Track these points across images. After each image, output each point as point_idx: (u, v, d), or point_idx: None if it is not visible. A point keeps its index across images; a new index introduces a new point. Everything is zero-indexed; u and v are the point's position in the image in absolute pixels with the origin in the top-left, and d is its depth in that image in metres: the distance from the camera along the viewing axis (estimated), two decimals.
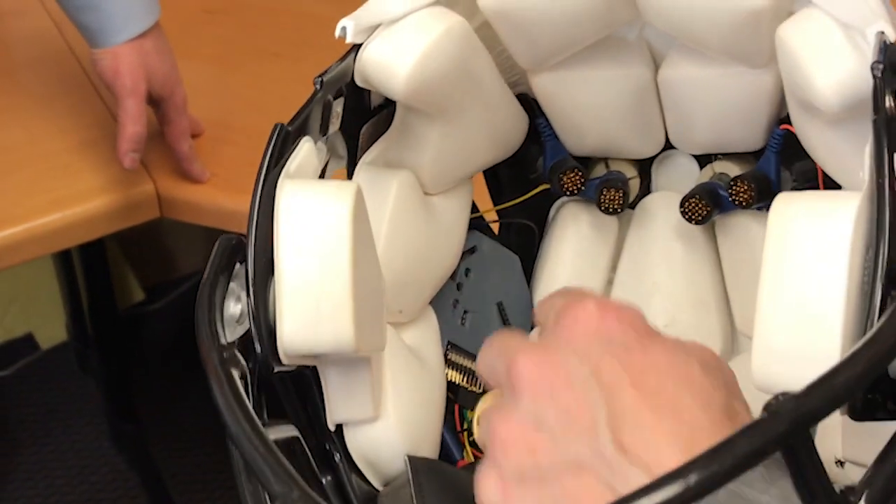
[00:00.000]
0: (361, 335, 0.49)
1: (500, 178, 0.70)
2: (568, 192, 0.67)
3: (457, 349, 0.67)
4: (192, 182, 1.00)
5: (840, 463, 0.48)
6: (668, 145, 0.69)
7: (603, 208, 0.68)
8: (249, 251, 0.49)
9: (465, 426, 0.66)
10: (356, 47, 0.56)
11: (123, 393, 1.72)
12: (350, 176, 0.59)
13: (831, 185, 0.61)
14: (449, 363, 0.66)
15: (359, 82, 0.57)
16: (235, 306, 0.50)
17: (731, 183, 0.64)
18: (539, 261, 0.73)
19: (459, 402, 0.66)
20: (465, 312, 0.68)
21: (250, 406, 0.42)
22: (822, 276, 0.43)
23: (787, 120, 0.62)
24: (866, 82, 0.49)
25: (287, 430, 0.51)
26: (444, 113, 0.61)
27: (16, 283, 1.76)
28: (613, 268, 0.73)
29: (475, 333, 0.68)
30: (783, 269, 0.44)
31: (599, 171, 0.71)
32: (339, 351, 0.49)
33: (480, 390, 0.68)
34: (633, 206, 0.71)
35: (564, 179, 0.67)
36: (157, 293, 1.91)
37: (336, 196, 0.50)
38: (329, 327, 0.48)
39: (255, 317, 0.48)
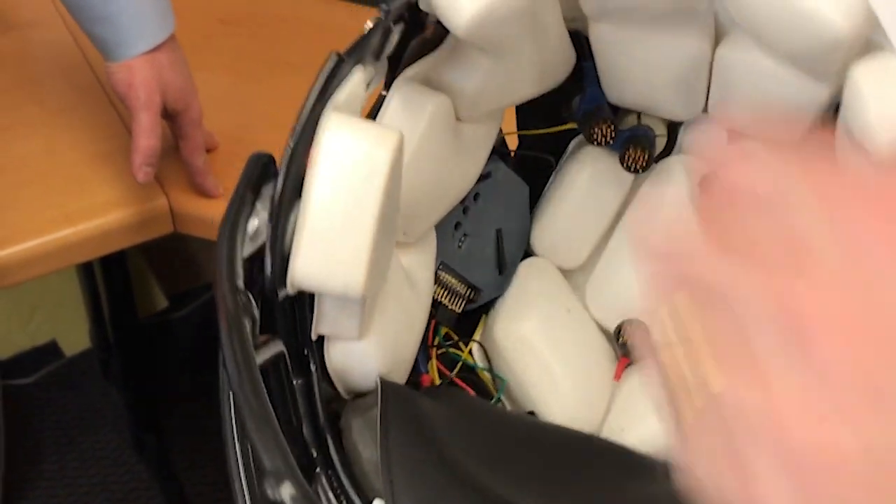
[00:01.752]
0: (370, 283, 0.48)
1: (531, 105, 0.68)
2: (596, 142, 0.66)
3: (448, 269, 0.66)
4: (206, 197, 0.99)
5: None
6: (704, 111, 0.67)
7: (625, 165, 0.67)
8: (281, 173, 0.48)
9: (437, 341, 0.66)
10: None
11: (145, 402, 1.72)
12: (387, 87, 0.57)
13: None
14: (437, 280, 0.65)
15: (422, 5, 0.55)
16: (253, 220, 0.49)
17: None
18: (546, 195, 0.72)
19: (437, 318, 0.66)
20: (465, 236, 0.67)
21: (257, 369, 0.42)
22: None
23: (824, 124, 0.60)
24: None
25: (274, 348, 0.50)
26: (499, 49, 0.59)
27: (40, 290, 1.77)
28: (618, 217, 0.72)
29: (469, 257, 0.68)
30: None
31: (630, 121, 0.70)
32: (345, 295, 0.48)
33: (460, 311, 0.67)
34: (655, 160, 0.70)
35: (595, 129, 0.66)
36: (181, 301, 1.91)
37: (378, 144, 0.49)
38: (341, 273, 0.48)
39: (273, 243, 0.48)
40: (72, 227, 0.96)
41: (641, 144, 0.67)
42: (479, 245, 0.68)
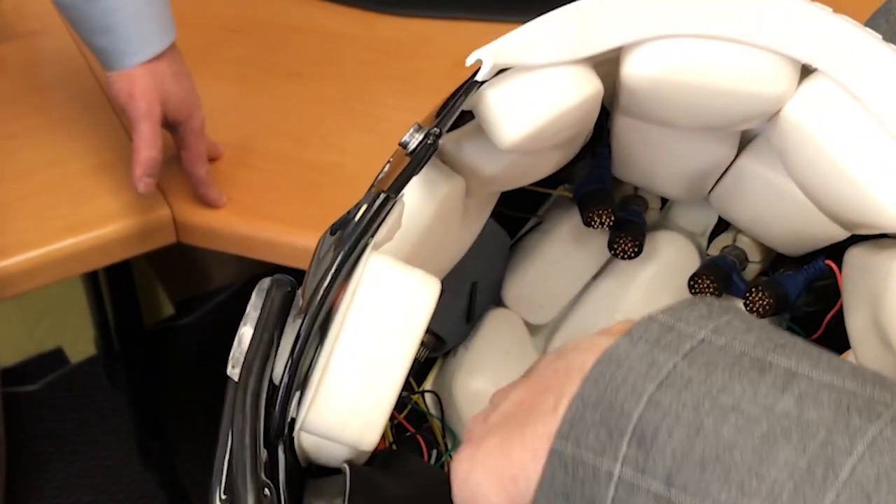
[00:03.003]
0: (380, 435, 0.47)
1: None
2: (590, 225, 0.65)
3: None
4: (209, 207, 0.98)
5: None
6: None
7: (613, 251, 0.66)
8: (312, 309, 0.46)
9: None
10: (476, 83, 0.52)
11: (151, 409, 1.71)
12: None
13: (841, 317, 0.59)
14: None
15: (466, 106, 0.53)
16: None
17: (753, 289, 0.62)
18: (522, 246, 0.70)
19: None
20: (442, 292, 0.66)
21: None
22: None
23: (832, 248, 0.59)
24: None
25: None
26: (531, 154, 0.58)
27: (46, 297, 1.76)
28: (592, 280, 0.71)
29: (441, 311, 0.66)
30: None
31: (626, 191, 0.69)
32: (355, 448, 0.47)
33: (423, 359, 0.66)
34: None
35: (594, 216, 0.64)
36: (188, 308, 1.91)
37: (420, 292, 0.47)
38: (357, 429, 0.46)
39: (289, 382, 0.46)
40: (75, 238, 0.96)
41: (633, 235, 0.66)
42: (453, 298, 0.67)
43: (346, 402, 0.46)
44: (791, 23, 0.50)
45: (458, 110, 0.51)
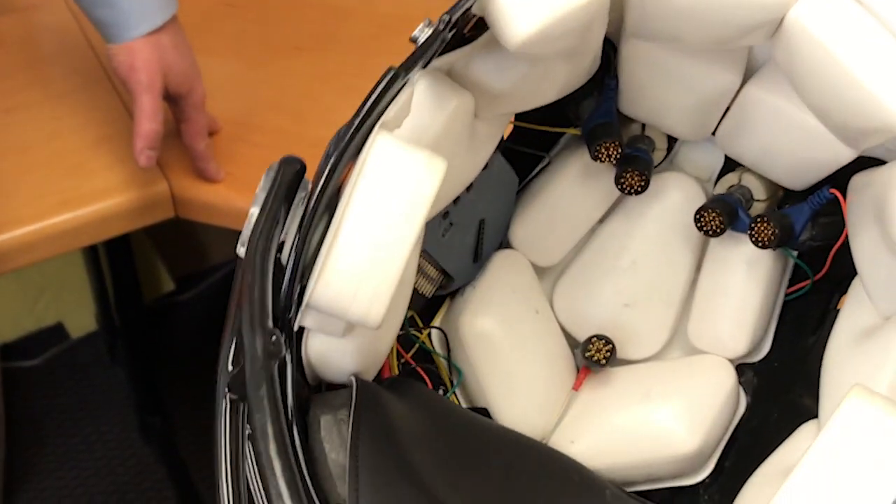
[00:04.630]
0: (386, 315, 0.47)
1: None
2: (599, 160, 0.65)
3: (426, 255, 0.65)
4: (208, 182, 0.98)
5: None
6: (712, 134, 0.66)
7: (620, 186, 0.66)
8: (319, 184, 0.46)
9: (403, 329, 0.65)
10: None
11: (151, 384, 1.72)
12: (407, 70, 0.55)
13: (847, 249, 0.59)
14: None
15: (475, 10, 0.53)
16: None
17: (757, 220, 0.62)
18: (530, 189, 0.70)
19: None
20: (451, 225, 0.66)
21: (287, 431, 0.41)
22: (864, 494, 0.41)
23: (835, 176, 0.59)
24: None
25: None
26: (540, 59, 0.57)
27: (46, 272, 1.76)
28: (602, 220, 0.71)
29: (449, 245, 0.66)
30: (826, 480, 0.42)
31: (634, 130, 0.69)
32: (361, 324, 0.47)
33: (430, 296, 0.66)
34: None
35: (602, 148, 0.64)
36: (188, 283, 1.90)
37: (426, 172, 0.47)
38: (363, 304, 0.47)
39: (297, 257, 0.46)
40: (73, 212, 0.96)
41: (639, 169, 0.65)
42: (461, 234, 0.67)
43: (355, 274, 0.46)
44: None
45: (465, 6, 0.51)
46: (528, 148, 0.70)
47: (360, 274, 0.46)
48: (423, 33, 0.51)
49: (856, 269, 0.58)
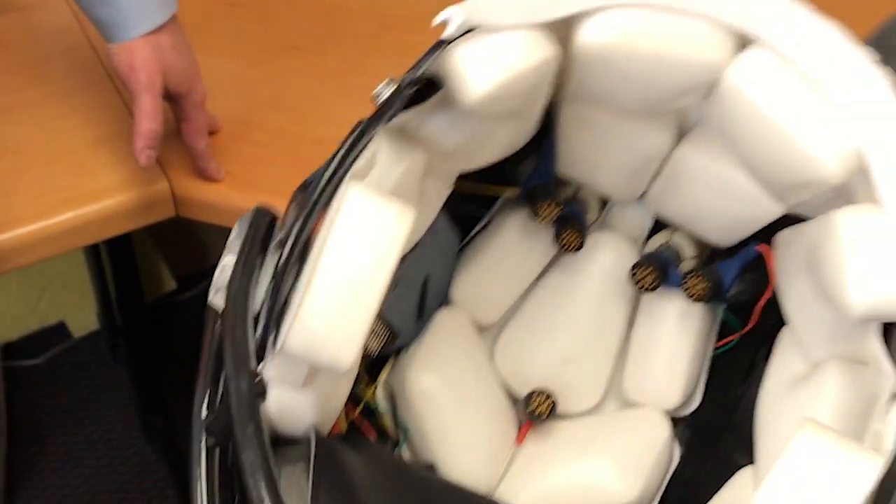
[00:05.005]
0: (355, 360, 0.48)
1: None
2: (539, 219, 0.67)
3: None
4: (208, 181, 0.98)
5: None
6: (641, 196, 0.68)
7: (560, 244, 0.68)
8: (292, 235, 0.47)
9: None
10: (446, 42, 0.54)
11: (152, 383, 1.72)
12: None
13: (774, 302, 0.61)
14: None
15: (431, 70, 0.55)
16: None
17: (689, 274, 0.64)
18: (472, 246, 0.72)
19: None
20: (396, 282, 0.67)
21: (274, 468, 0.42)
22: None
23: (762, 232, 0.61)
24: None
25: None
26: (487, 122, 0.59)
27: (48, 271, 1.77)
28: (539, 277, 0.72)
29: (395, 301, 0.67)
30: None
31: (567, 192, 0.71)
32: (330, 369, 0.48)
33: (376, 352, 0.67)
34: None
35: (541, 208, 0.67)
36: (189, 283, 1.90)
37: (396, 221, 0.49)
38: (334, 349, 0.48)
39: (271, 307, 0.47)
40: (73, 211, 0.96)
41: (577, 228, 0.68)
42: (407, 290, 0.69)
43: (326, 320, 0.47)
44: None
45: (426, 65, 0.53)
46: (469, 206, 0.72)
47: (333, 318, 0.48)
48: (385, 91, 0.53)
49: (784, 320, 0.60)
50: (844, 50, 0.52)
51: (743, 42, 0.54)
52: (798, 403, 0.57)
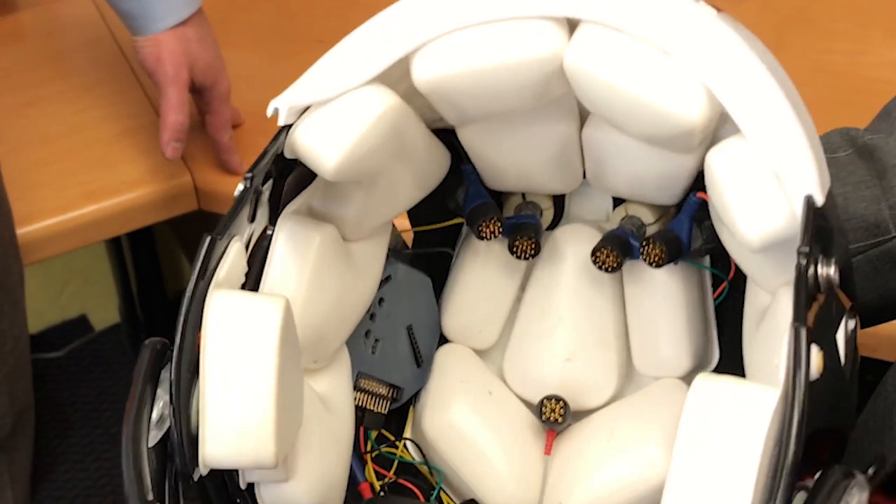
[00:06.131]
0: (281, 447, 0.50)
1: (419, 205, 0.69)
2: (485, 238, 0.67)
3: (366, 376, 0.68)
4: (231, 174, 0.98)
5: None
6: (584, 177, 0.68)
7: (515, 255, 0.68)
8: (175, 358, 0.49)
9: (369, 446, 0.67)
10: (286, 127, 0.55)
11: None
12: (273, 223, 0.58)
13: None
14: (357, 388, 0.67)
15: (288, 155, 0.56)
16: (158, 404, 0.50)
17: (644, 243, 0.64)
18: (449, 282, 0.74)
19: (365, 424, 0.67)
20: (377, 341, 0.69)
21: None
22: (731, 470, 0.44)
23: (702, 183, 0.61)
24: (791, 229, 0.49)
25: None
26: (370, 177, 0.60)
27: (71, 264, 1.77)
28: (523, 288, 0.73)
29: (384, 359, 0.69)
30: (695, 458, 0.45)
31: (515, 200, 0.71)
32: (260, 466, 0.49)
33: (386, 411, 0.68)
34: (548, 229, 0.72)
35: (483, 228, 0.67)
36: None
37: (264, 311, 0.50)
38: (251, 448, 0.49)
39: (178, 428, 0.48)
40: (96, 204, 0.96)
41: (527, 234, 0.68)
42: (393, 345, 0.69)
43: (231, 428, 0.49)
44: None
45: (269, 155, 0.54)
46: (434, 248, 0.73)
47: (235, 423, 0.49)
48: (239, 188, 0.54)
49: None
50: (674, 7, 0.53)
51: (572, 26, 0.55)
52: (765, 336, 0.58)
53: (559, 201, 0.72)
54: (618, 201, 0.70)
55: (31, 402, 1.01)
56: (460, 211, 0.70)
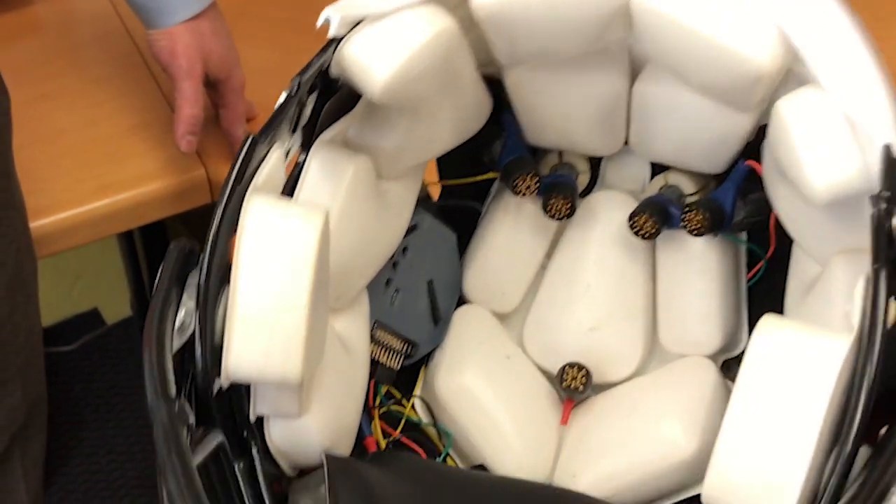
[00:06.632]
0: (307, 366, 0.47)
1: (451, 154, 0.67)
2: (520, 194, 0.65)
3: (383, 326, 0.65)
4: None
5: None
6: (625, 143, 0.66)
7: (549, 214, 0.66)
8: (205, 260, 0.47)
9: (378, 401, 0.65)
10: (336, 40, 0.53)
11: None
12: (305, 151, 0.56)
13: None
14: (372, 339, 0.65)
15: (334, 73, 0.54)
16: (181, 312, 0.48)
17: (686, 209, 0.62)
18: (474, 240, 0.71)
19: (376, 377, 0.65)
20: (397, 291, 0.67)
21: (197, 479, 0.41)
22: (794, 424, 0.42)
23: (751, 150, 0.59)
24: (861, 181, 0.47)
25: (213, 440, 0.49)
26: (415, 106, 0.58)
27: (83, 257, 1.77)
28: (548, 256, 0.71)
29: (402, 312, 0.67)
30: (756, 407, 0.43)
31: (552, 160, 0.69)
32: (284, 383, 0.47)
33: (398, 367, 0.66)
34: (582, 195, 0.70)
35: (518, 183, 0.65)
36: None
37: (304, 224, 0.47)
38: (278, 362, 0.47)
39: (202, 335, 0.46)
40: (110, 198, 0.96)
41: (563, 193, 0.66)
42: (412, 298, 0.68)
43: (260, 337, 0.47)
44: None
45: (315, 67, 0.52)
46: (462, 202, 0.71)
47: (265, 334, 0.47)
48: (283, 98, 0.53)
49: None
50: None
51: None
52: (810, 307, 0.57)
53: (595, 166, 0.70)
54: (656, 171, 0.68)
55: (43, 394, 1.01)
56: (495, 164, 0.68)
